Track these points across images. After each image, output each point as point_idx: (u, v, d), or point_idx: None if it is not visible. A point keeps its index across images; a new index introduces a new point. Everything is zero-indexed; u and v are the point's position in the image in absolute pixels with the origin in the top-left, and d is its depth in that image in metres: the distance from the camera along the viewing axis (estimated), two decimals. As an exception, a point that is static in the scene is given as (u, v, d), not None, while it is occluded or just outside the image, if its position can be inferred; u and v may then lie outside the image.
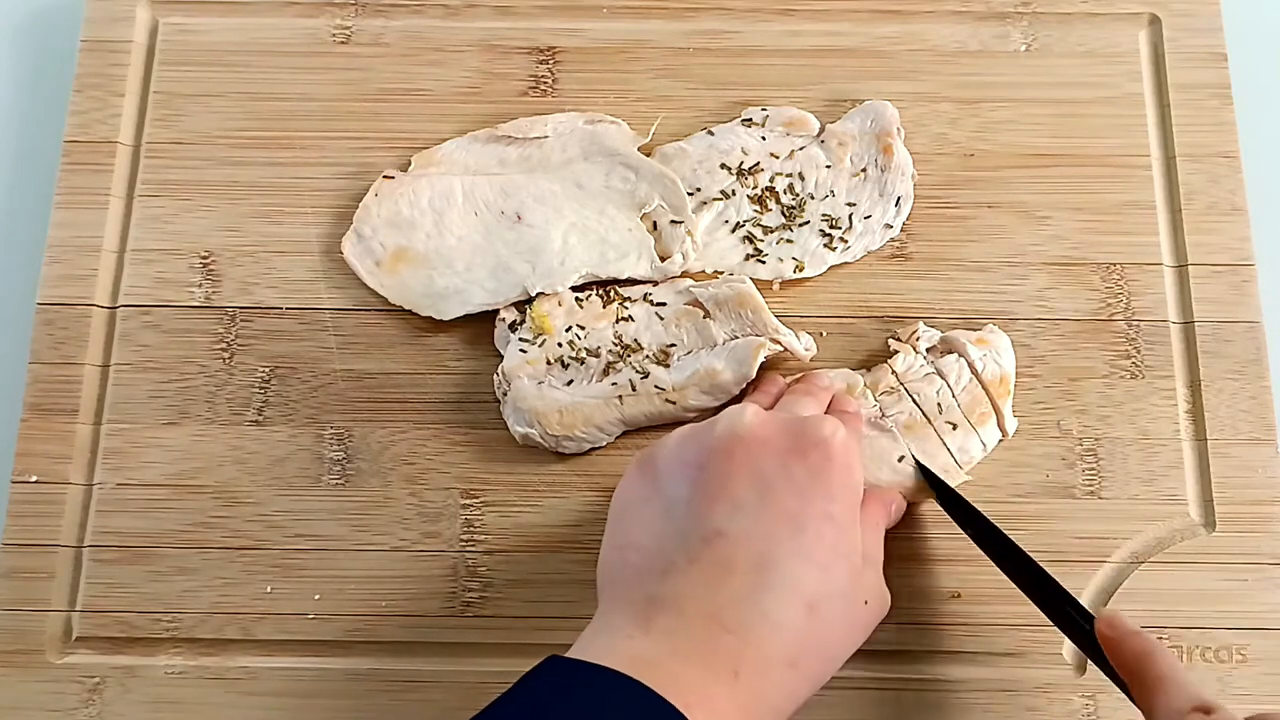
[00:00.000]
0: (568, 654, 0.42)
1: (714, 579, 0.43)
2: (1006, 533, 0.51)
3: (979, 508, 0.54)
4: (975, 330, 0.56)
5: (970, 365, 0.54)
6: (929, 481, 0.53)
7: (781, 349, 0.55)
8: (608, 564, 0.47)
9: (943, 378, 0.54)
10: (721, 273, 0.58)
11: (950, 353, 0.55)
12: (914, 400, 0.54)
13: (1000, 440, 0.55)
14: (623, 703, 0.39)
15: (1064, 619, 0.49)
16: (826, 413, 0.52)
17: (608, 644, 0.43)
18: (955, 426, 0.53)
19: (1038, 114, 0.61)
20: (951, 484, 0.54)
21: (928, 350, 0.55)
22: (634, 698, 0.39)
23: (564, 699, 0.39)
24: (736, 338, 0.55)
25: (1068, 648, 0.53)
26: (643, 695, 0.39)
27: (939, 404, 0.54)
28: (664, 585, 0.44)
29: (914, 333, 0.56)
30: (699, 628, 0.42)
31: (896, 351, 0.55)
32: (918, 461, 0.54)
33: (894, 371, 0.55)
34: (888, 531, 0.52)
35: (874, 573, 0.48)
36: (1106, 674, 0.46)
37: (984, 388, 0.54)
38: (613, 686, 0.39)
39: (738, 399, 0.55)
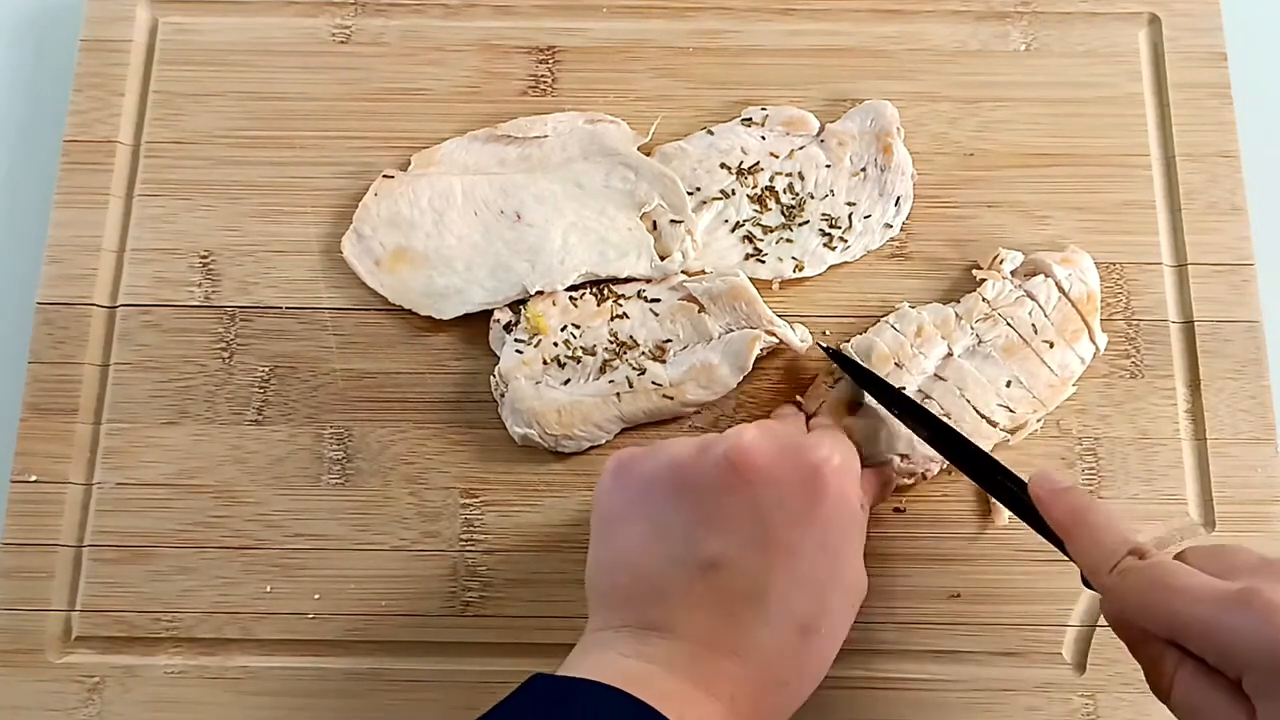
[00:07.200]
0: (556, 673, 0.41)
1: (709, 607, 0.42)
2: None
3: (978, 507, 0.55)
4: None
5: (1057, 284, 0.56)
6: (843, 367, 0.53)
7: (777, 341, 0.55)
8: (597, 581, 0.46)
9: (1033, 299, 0.55)
10: (721, 272, 0.58)
11: (1036, 274, 0.56)
12: (1009, 324, 0.55)
13: (1094, 354, 0.56)
14: (615, 716, 0.38)
15: (997, 487, 0.48)
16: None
17: (599, 660, 0.42)
18: (1052, 345, 0.55)
19: (1037, 113, 0.61)
20: (1056, 402, 0.55)
21: (1012, 273, 0.57)
22: (627, 711, 0.38)
23: (553, 715, 0.38)
24: (732, 331, 0.55)
25: (1068, 647, 0.53)
26: (636, 708, 0.38)
27: (1033, 325, 0.55)
28: (658, 609, 0.43)
29: (997, 258, 0.57)
30: (694, 651, 0.42)
31: (984, 280, 0.56)
32: (825, 348, 0.55)
33: (985, 299, 0.56)
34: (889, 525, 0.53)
35: (859, 568, 0.46)
36: (1043, 535, 0.46)
37: (1073, 305, 0.55)
38: (605, 700, 0.38)
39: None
